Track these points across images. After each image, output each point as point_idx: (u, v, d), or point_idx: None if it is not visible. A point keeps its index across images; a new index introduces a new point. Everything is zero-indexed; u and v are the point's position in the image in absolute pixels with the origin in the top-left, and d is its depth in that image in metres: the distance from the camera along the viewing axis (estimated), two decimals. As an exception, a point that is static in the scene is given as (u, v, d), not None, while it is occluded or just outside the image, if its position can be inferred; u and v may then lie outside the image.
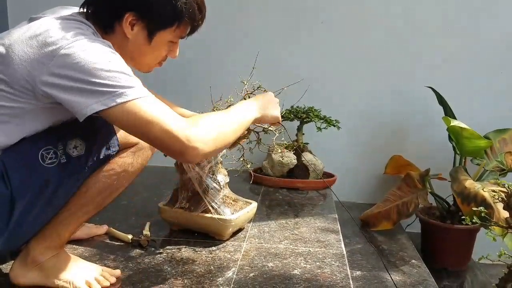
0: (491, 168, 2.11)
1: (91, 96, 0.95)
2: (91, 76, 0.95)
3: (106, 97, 0.95)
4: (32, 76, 0.97)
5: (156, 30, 1.12)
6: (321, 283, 1.22)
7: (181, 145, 0.98)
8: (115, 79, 0.96)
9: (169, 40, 1.16)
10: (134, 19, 1.09)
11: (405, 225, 2.32)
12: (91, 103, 0.96)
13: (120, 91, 0.96)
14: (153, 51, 1.16)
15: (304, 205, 1.96)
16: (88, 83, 0.95)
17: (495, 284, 1.34)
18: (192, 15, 1.14)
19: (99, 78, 0.95)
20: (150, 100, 0.99)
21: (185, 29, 1.16)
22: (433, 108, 2.30)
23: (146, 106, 0.97)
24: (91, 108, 0.96)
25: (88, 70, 0.95)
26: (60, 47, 0.96)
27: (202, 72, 2.50)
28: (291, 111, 2.26)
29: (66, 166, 1.07)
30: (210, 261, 1.33)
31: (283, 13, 2.48)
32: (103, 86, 0.95)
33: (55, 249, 1.15)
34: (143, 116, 0.97)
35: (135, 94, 0.97)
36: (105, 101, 0.95)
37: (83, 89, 0.95)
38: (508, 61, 2.38)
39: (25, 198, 1.04)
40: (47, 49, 0.97)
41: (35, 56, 0.97)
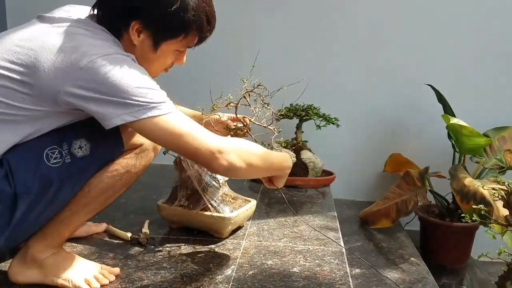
0: (490, 166, 2.12)
1: (121, 107, 0.99)
2: (120, 92, 0.98)
3: (137, 109, 0.99)
4: (57, 85, 0.98)
5: (162, 40, 1.13)
6: (320, 280, 1.22)
7: (211, 155, 1.05)
8: (146, 95, 1.00)
9: (175, 49, 1.17)
10: (140, 27, 1.10)
11: (404, 223, 2.32)
12: (121, 114, 0.99)
13: (151, 105, 1.00)
14: (158, 59, 1.16)
15: (303, 203, 1.95)
16: (118, 97, 0.99)
17: (494, 282, 1.34)
18: (200, 27, 1.14)
19: (128, 93, 0.99)
20: (178, 115, 1.05)
21: (193, 40, 1.17)
22: (433, 106, 2.29)
23: (176, 120, 1.03)
24: (121, 118, 1.00)
25: (118, 86, 0.98)
26: (87, 59, 0.98)
27: (201, 70, 2.49)
28: (291, 109, 2.25)
29: (71, 166, 1.07)
30: (209, 259, 1.33)
31: (283, 11, 2.47)
32: (134, 100, 0.99)
33: (54, 248, 1.15)
34: (173, 130, 1.02)
35: (165, 110, 1.02)
36: (135, 113, 1.00)
37: (112, 101, 0.99)
38: (508, 58, 2.38)
39: (29, 197, 1.04)
40: (74, 59, 0.98)
41: (61, 65, 0.98)
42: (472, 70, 2.41)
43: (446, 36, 2.40)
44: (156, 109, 1.01)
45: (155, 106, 1.01)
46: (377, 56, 2.45)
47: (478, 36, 2.38)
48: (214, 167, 1.07)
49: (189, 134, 1.04)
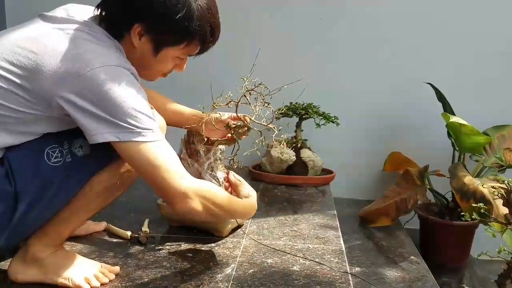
0: (490, 164, 2.12)
1: (106, 126, 0.98)
2: (111, 109, 0.98)
3: (122, 131, 0.99)
4: (54, 89, 0.98)
5: (163, 46, 1.12)
6: (320, 279, 1.22)
7: (175, 197, 1.05)
8: (135, 118, 0.99)
9: (176, 56, 1.16)
10: (142, 30, 1.09)
11: (404, 221, 2.32)
12: (104, 132, 0.99)
13: (137, 130, 1.00)
14: (158, 63, 1.16)
15: (303, 202, 1.95)
16: (108, 114, 0.98)
17: (494, 280, 1.35)
18: (203, 37, 1.13)
19: (119, 113, 0.98)
20: (161, 145, 1.04)
21: (194, 49, 1.16)
22: (432, 105, 2.29)
23: (156, 151, 1.02)
24: (103, 136, 0.99)
25: (111, 103, 0.98)
26: (87, 68, 0.97)
27: (202, 68, 2.49)
28: (290, 108, 2.25)
29: (71, 165, 1.07)
30: (209, 258, 1.33)
31: (283, 10, 2.47)
32: (122, 121, 0.99)
33: (54, 246, 1.15)
34: (150, 159, 1.01)
35: (151, 137, 1.01)
36: (119, 135, 0.99)
37: (100, 117, 0.98)
38: (508, 57, 2.38)
39: (29, 196, 1.04)
40: (74, 66, 0.98)
41: (62, 72, 0.98)
42: (472, 68, 2.40)
43: (446, 34, 2.40)
44: (140, 135, 1.00)
45: (140, 132, 1.00)
46: (377, 54, 2.44)
47: (478, 35, 2.38)
48: (175, 209, 1.07)
49: (165, 169, 1.02)
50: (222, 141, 1.46)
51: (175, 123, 1.48)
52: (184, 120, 1.46)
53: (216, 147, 1.45)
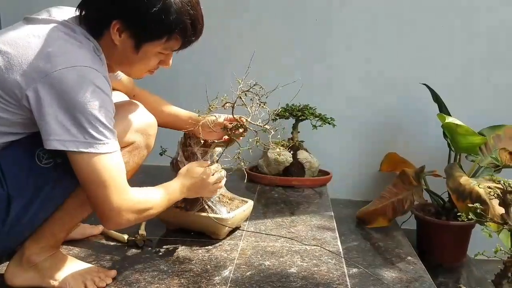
0: (486, 164, 2.12)
1: (61, 132, 0.97)
2: (71, 114, 0.97)
3: (73, 139, 0.98)
4: (23, 84, 0.97)
5: (143, 41, 1.10)
6: (318, 281, 1.22)
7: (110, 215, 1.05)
8: (92, 127, 0.98)
9: (158, 51, 1.13)
10: (121, 27, 1.07)
11: (401, 222, 2.33)
12: (53, 139, 0.97)
13: (89, 141, 0.98)
14: (140, 60, 1.13)
15: (300, 203, 1.96)
16: (66, 118, 0.97)
17: (490, 280, 1.35)
18: (183, 30, 1.11)
19: (77, 120, 0.97)
20: (112, 158, 1.02)
21: (176, 43, 1.13)
22: (428, 105, 2.30)
23: (103, 164, 1.01)
24: (52, 144, 0.97)
25: (72, 107, 0.97)
26: (55, 68, 0.97)
27: (197, 71, 2.49)
28: (286, 109, 2.25)
29: (62, 166, 1.06)
30: (207, 260, 1.33)
31: (278, 11, 2.47)
32: (78, 129, 0.98)
33: (50, 250, 1.14)
34: (96, 174, 1.00)
35: (102, 149, 1.00)
36: (67, 143, 0.98)
37: (57, 122, 0.97)
38: (503, 57, 2.39)
39: (21, 198, 1.03)
40: (43, 65, 0.97)
41: (30, 68, 0.97)
42: (467, 69, 2.41)
43: (441, 35, 2.40)
44: (90, 147, 0.98)
45: (91, 143, 0.99)
46: (373, 55, 2.45)
47: (473, 35, 2.39)
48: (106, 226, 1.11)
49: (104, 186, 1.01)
50: (219, 143, 1.46)
51: (171, 125, 1.48)
52: (180, 122, 1.46)
53: (213, 149, 1.45)
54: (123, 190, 1.05)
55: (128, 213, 1.06)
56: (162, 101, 1.49)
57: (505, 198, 1.30)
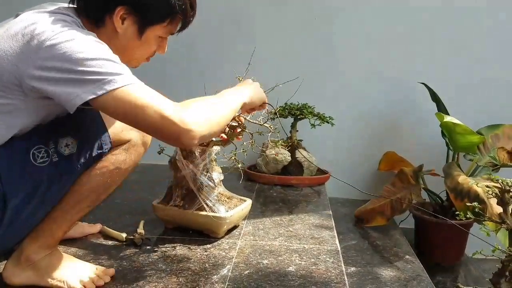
0: (484, 163, 2.13)
1: (79, 85, 0.94)
2: (78, 65, 0.94)
3: (95, 85, 0.94)
4: (19, 71, 0.96)
5: (147, 25, 1.11)
6: (316, 279, 1.22)
7: (176, 128, 0.97)
8: (103, 67, 0.95)
9: (159, 35, 1.15)
10: (125, 13, 1.08)
11: (399, 221, 2.33)
12: (80, 93, 0.94)
13: (109, 78, 0.95)
14: (142, 46, 1.15)
15: (298, 202, 1.96)
16: (76, 72, 0.94)
17: (488, 279, 1.35)
18: (184, 11, 1.13)
19: (86, 66, 0.94)
20: (140, 86, 0.99)
21: (176, 25, 1.16)
22: (426, 104, 2.30)
23: (136, 91, 0.96)
24: (80, 98, 0.94)
25: (75, 60, 0.94)
26: (45, 39, 0.95)
27: (196, 69, 2.49)
28: (285, 108, 2.26)
29: (58, 165, 1.06)
30: (205, 259, 1.33)
31: (278, 11, 2.47)
32: (91, 75, 0.94)
33: (48, 248, 1.14)
34: (134, 101, 0.96)
35: (125, 81, 0.96)
36: (93, 90, 0.94)
37: (70, 79, 0.94)
38: (501, 57, 2.40)
39: (17, 198, 1.03)
40: (32, 42, 0.96)
41: (21, 50, 0.96)
42: (465, 68, 2.42)
43: (439, 34, 2.41)
44: (113, 82, 0.94)
45: (112, 79, 0.95)
46: (371, 54, 2.45)
47: (472, 35, 2.39)
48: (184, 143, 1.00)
49: (150, 105, 0.96)
50: (217, 142, 1.46)
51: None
52: None
53: (211, 148, 1.45)
54: (170, 102, 1.00)
55: (192, 118, 0.98)
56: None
57: (503, 197, 1.30)
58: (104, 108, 0.98)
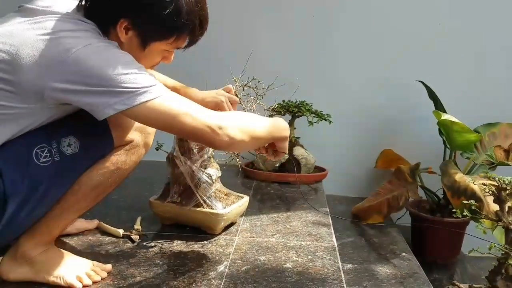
0: (481, 161, 2.13)
1: (111, 97, 0.97)
2: (107, 80, 0.96)
3: (128, 96, 0.97)
4: (41, 81, 0.96)
5: (151, 41, 1.10)
6: (312, 276, 1.23)
7: (212, 132, 1.03)
8: (134, 80, 0.98)
9: (163, 49, 1.14)
10: (128, 25, 1.07)
11: (396, 218, 2.33)
12: (112, 103, 0.97)
13: (141, 91, 0.98)
14: (146, 57, 1.14)
15: (295, 199, 1.96)
16: (106, 86, 0.96)
17: (484, 276, 1.36)
18: (192, 30, 1.12)
19: (115, 81, 0.96)
20: (171, 96, 1.03)
21: (183, 42, 1.15)
22: (424, 102, 2.30)
23: (169, 102, 1.01)
24: (113, 108, 0.97)
25: (104, 74, 0.96)
26: (70, 51, 0.95)
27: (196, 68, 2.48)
28: (283, 106, 2.25)
29: (60, 164, 1.06)
30: (202, 255, 1.33)
31: (275, 8, 2.47)
32: (122, 88, 0.97)
33: (45, 245, 1.14)
34: (167, 111, 1.00)
35: (156, 93, 1.00)
36: (126, 101, 0.97)
37: (101, 92, 0.96)
38: (498, 55, 2.40)
39: (18, 196, 1.03)
40: (56, 53, 0.96)
41: (44, 61, 0.96)
42: (463, 66, 2.42)
43: (437, 32, 2.41)
44: (147, 93, 0.98)
45: (145, 91, 0.98)
46: (369, 52, 2.45)
47: (469, 33, 2.39)
48: (216, 144, 1.06)
49: (185, 113, 1.01)
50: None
51: None
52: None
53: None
54: (207, 110, 1.06)
55: (228, 126, 1.05)
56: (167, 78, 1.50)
57: (499, 195, 1.31)
58: (136, 117, 1.02)
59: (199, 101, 1.44)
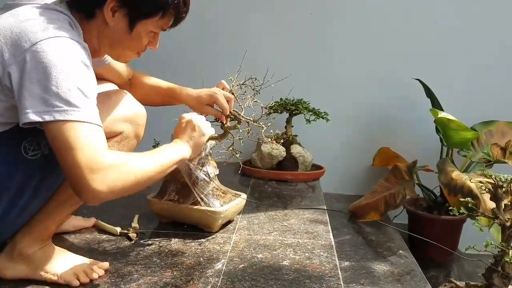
0: (478, 159, 2.14)
1: (36, 103, 0.91)
2: (48, 83, 0.91)
3: (48, 109, 0.91)
4: (5, 64, 0.94)
5: (138, 19, 1.10)
6: (310, 273, 1.23)
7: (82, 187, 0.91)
8: (67, 94, 0.92)
9: (150, 30, 1.13)
10: (116, 5, 1.06)
11: (393, 216, 2.34)
12: (30, 112, 0.91)
13: (64, 108, 0.91)
14: (133, 40, 1.13)
15: (293, 197, 1.96)
16: (42, 89, 0.91)
17: (481, 274, 1.36)
18: (177, 6, 1.12)
19: (54, 85, 0.91)
20: (87, 127, 0.93)
21: (169, 20, 1.14)
22: (421, 100, 2.31)
23: (78, 131, 0.91)
24: (27, 117, 0.91)
25: (49, 76, 0.91)
26: (33, 42, 0.94)
27: (192, 68, 2.48)
28: (280, 104, 2.25)
29: (50, 157, 1.05)
30: (200, 253, 1.33)
31: (273, 6, 2.46)
32: (52, 96, 0.91)
33: (42, 242, 1.14)
34: (68, 140, 0.91)
35: (76, 116, 0.92)
36: (43, 114, 0.91)
37: (34, 94, 0.91)
38: (495, 53, 2.41)
39: (9, 191, 1.03)
40: (20, 41, 0.94)
41: (8, 48, 0.94)
42: (460, 64, 2.42)
43: (434, 30, 2.41)
44: (66, 113, 0.91)
45: (67, 110, 0.91)
46: (366, 50, 2.45)
47: (466, 31, 2.40)
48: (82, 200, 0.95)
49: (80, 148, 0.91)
50: (213, 137, 1.46)
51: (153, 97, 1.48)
52: (161, 92, 1.47)
53: (207, 143, 1.45)
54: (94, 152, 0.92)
55: (102, 174, 0.92)
56: (149, 76, 1.49)
57: (496, 192, 1.31)
58: (46, 132, 0.94)
59: (194, 98, 1.45)
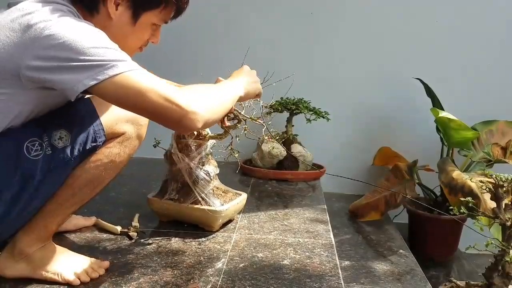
0: (478, 159, 2.14)
1: (80, 72, 0.94)
2: (78, 54, 0.94)
3: (97, 71, 0.94)
4: (17, 61, 0.95)
5: (141, 11, 1.12)
6: (310, 273, 1.23)
7: (181, 111, 0.97)
8: (104, 54, 0.96)
9: (153, 22, 1.16)
10: None
11: (393, 215, 2.34)
12: (82, 79, 0.94)
13: (110, 64, 0.95)
14: (135, 34, 1.15)
15: (293, 196, 1.96)
16: (76, 60, 0.94)
17: (481, 273, 1.36)
18: None
19: (86, 54, 0.94)
20: (142, 72, 0.99)
21: (170, 12, 1.16)
22: (421, 100, 2.31)
23: (139, 77, 0.97)
24: (83, 83, 0.94)
25: (75, 48, 0.94)
26: (43, 28, 0.95)
27: (192, 66, 2.48)
28: (281, 103, 2.25)
29: (52, 158, 1.05)
30: (200, 252, 1.33)
31: (273, 5, 2.46)
32: (92, 61, 0.94)
33: (42, 241, 1.14)
34: (137, 86, 0.96)
35: (126, 67, 0.96)
36: (95, 76, 0.94)
37: (71, 67, 0.94)
38: (496, 53, 2.41)
39: (11, 191, 1.03)
40: (29, 31, 0.95)
41: (18, 40, 0.96)
42: (461, 64, 2.42)
43: (435, 30, 2.41)
44: (115, 67, 0.95)
45: (114, 65, 0.95)
46: (367, 50, 2.45)
47: (467, 30, 2.40)
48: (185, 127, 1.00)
49: (152, 90, 0.96)
50: (213, 136, 1.46)
51: None
52: None
53: (207, 142, 1.45)
54: (173, 86, 1.01)
55: (196, 101, 0.99)
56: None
57: (496, 192, 1.31)
58: (105, 94, 0.98)
59: None
